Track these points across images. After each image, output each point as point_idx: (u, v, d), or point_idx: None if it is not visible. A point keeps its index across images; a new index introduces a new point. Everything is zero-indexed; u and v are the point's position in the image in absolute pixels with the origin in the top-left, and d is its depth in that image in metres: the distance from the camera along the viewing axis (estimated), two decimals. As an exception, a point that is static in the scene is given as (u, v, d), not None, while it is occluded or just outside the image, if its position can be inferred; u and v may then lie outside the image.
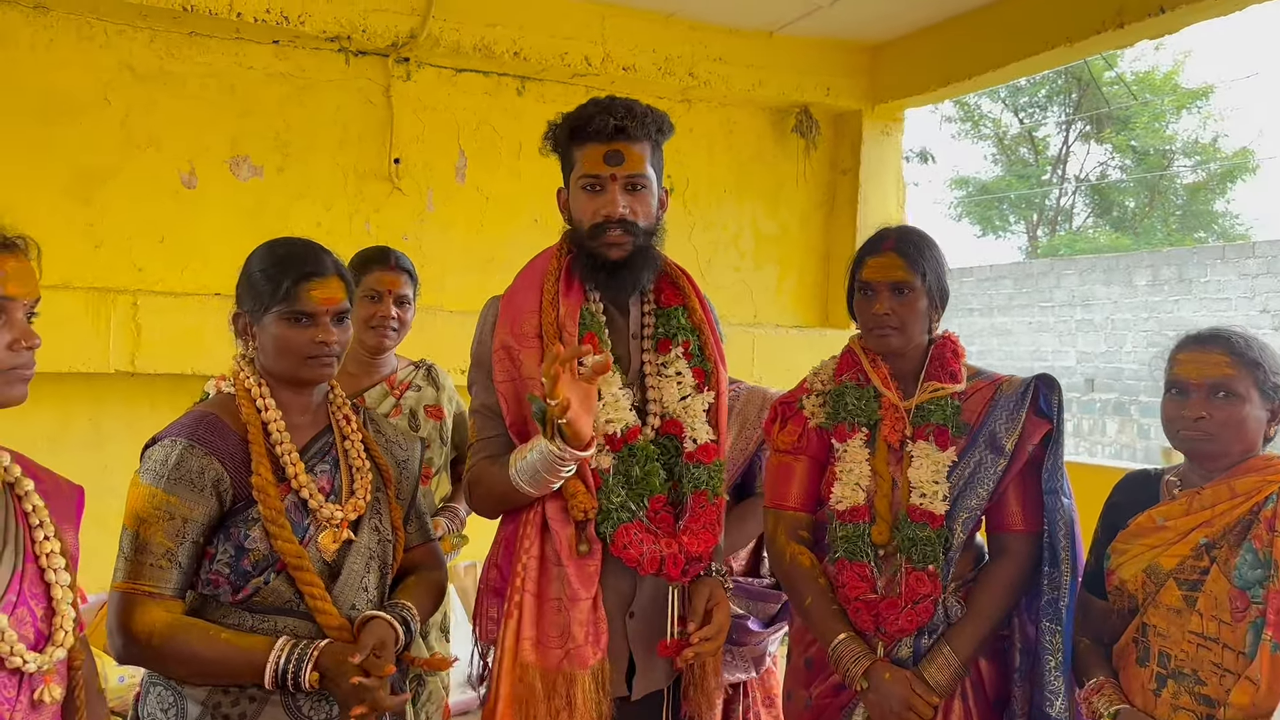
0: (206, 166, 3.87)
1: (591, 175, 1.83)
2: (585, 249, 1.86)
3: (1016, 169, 21.37)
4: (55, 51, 3.61)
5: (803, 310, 5.07)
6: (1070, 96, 20.05)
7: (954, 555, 1.88)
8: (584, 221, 1.85)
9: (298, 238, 1.75)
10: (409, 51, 4.06)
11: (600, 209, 1.83)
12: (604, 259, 1.84)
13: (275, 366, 1.68)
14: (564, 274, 1.89)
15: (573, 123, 1.86)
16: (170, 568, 1.58)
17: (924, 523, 1.86)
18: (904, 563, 1.87)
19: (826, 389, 2.03)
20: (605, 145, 1.82)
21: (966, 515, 1.88)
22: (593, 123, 1.82)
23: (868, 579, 1.88)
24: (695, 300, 1.99)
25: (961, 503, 1.88)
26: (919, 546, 1.85)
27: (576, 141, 1.86)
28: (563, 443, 1.69)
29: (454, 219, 4.26)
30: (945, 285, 1.98)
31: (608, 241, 1.82)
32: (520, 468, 1.76)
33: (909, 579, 1.85)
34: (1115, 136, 19.34)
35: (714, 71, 4.50)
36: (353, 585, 1.67)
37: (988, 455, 1.88)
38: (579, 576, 1.78)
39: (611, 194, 1.83)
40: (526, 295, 1.89)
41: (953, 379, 1.95)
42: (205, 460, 1.61)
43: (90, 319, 3.55)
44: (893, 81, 4.77)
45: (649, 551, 1.77)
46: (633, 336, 1.95)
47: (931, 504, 1.87)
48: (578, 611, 1.77)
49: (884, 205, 4.95)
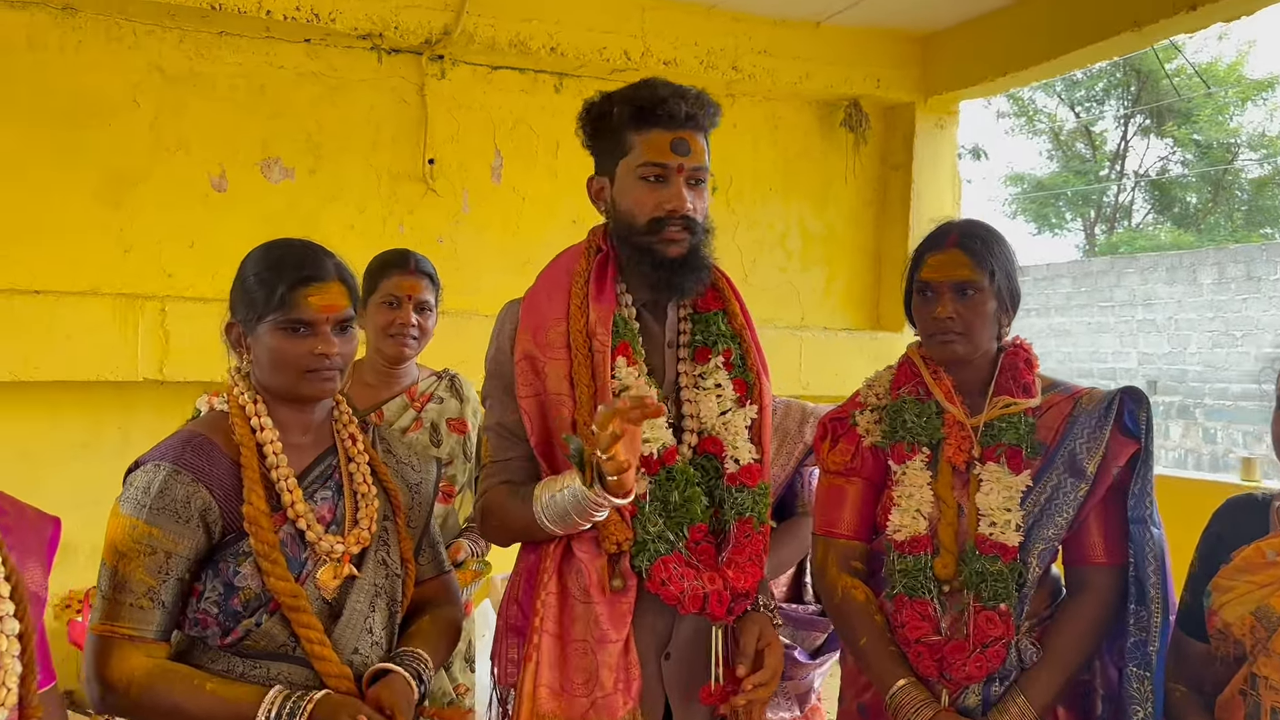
0: (237, 169, 3.78)
1: (657, 164, 1.65)
2: (637, 245, 1.68)
3: (1073, 165, 20.82)
4: (84, 53, 3.54)
5: (852, 312, 4.87)
6: (1129, 89, 19.48)
7: (1028, 592, 1.68)
8: (639, 214, 1.66)
9: (296, 239, 1.60)
10: (443, 49, 3.94)
11: (665, 202, 1.65)
12: (662, 256, 1.66)
13: (271, 381, 1.53)
14: (594, 275, 1.71)
15: (640, 103, 1.66)
16: (152, 608, 1.43)
17: (994, 555, 1.66)
18: (971, 600, 1.66)
19: (882, 403, 1.83)
20: (673, 133, 1.65)
21: (1043, 547, 1.67)
22: (665, 105, 1.64)
23: (930, 618, 1.68)
24: (736, 304, 1.81)
25: (1037, 533, 1.67)
26: (989, 582, 1.65)
27: (641, 125, 1.66)
28: (603, 490, 1.51)
29: (489, 220, 4.13)
30: (1016, 286, 1.77)
31: (667, 237, 1.65)
32: (547, 504, 1.59)
33: (977, 619, 1.65)
34: (1177, 130, 18.75)
35: (758, 64, 4.33)
36: (356, 627, 1.51)
37: (1066, 479, 1.67)
38: (610, 616, 1.60)
39: (677, 187, 1.65)
40: (551, 299, 1.71)
41: (1026, 392, 1.74)
42: (192, 487, 1.46)
43: (118, 326, 3.47)
44: (947, 72, 4.56)
45: (691, 588, 1.59)
46: (668, 345, 1.77)
47: (1003, 534, 1.66)
48: (606, 655, 1.59)
49: (938, 202, 4.73)
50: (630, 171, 1.67)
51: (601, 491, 1.51)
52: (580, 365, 1.64)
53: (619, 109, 1.68)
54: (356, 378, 2.39)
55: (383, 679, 1.49)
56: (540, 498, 1.60)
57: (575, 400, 1.63)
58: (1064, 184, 20.43)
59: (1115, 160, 20.48)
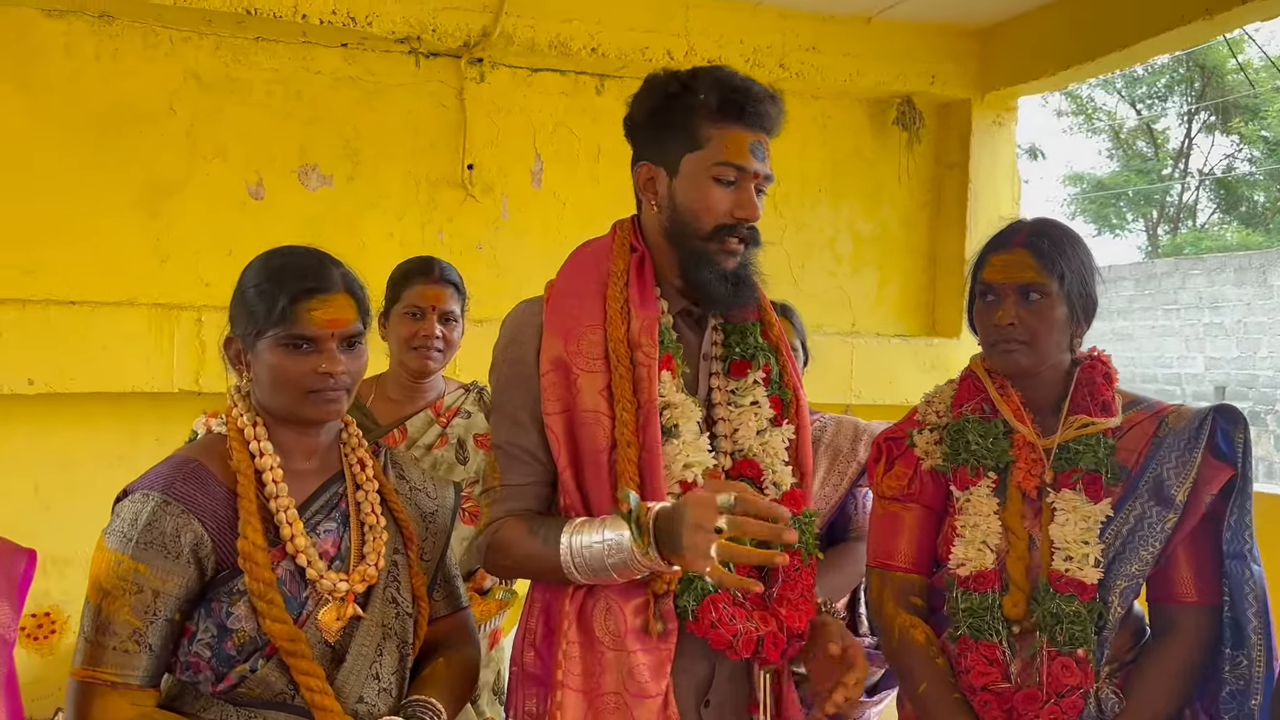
0: (274, 176, 3.72)
1: (736, 165, 1.49)
2: (694, 250, 1.52)
3: (1134, 163, 20.30)
4: (121, 61, 3.50)
5: (906, 318, 4.69)
6: (1192, 85, 18.94)
7: (1109, 635, 1.51)
8: (705, 218, 1.50)
9: (300, 247, 1.49)
10: (482, 51, 3.85)
11: (737, 209, 1.50)
12: (720, 268, 1.51)
13: (272, 401, 1.41)
14: (633, 275, 1.54)
15: (727, 94, 1.49)
16: (138, 651, 1.31)
17: (1071, 594, 1.49)
18: (1045, 644, 1.50)
19: (943, 421, 1.66)
20: (754, 134, 1.50)
21: (1125, 584, 1.51)
22: (756, 104, 1.49)
23: (998, 663, 1.52)
24: (771, 314, 1.66)
25: (1119, 568, 1.51)
26: (1065, 624, 1.48)
27: (723, 119, 1.49)
28: (659, 558, 1.34)
29: (530, 226, 4.03)
30: (1092, 292, 1.60)
31: (729, 248, 1.51)
32: (580, 551, 1.41)
33: (1052, 665, 1.48)
34: (1244, 126, 18.16)
35: (806, 62, 4.18)
36: (361, 673, 1.38)
37: (1152, 508, 1.51)
38: (651, 665, 1.43)
39: (750, 193, 1.51)
40: (584, 303, 1.53)
41: (1104, 410, 1.57)
42: (182, 519, 1.34)
43: (154, 336, 3.42)
44: (1005, 67, 4.36)
45: (743, 630, 1.42)
46: (703, 357, 1.61)
47: (1080, 570, 1.50)
48: (644, 711, 1.41)
49: (996, 202, 4.54)
50: (703, 169, 1.51)
51: (657, 558, 1.35)
52: (621, 379, 1.48)
53: (703, 95, 1.50)
54: (379, 392, 2.29)
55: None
56: (571, 544, 1.43)
57: (614, 418, 1.47)
58: (1125, 183, 19.93)
59: (1179, 158, 19.94)
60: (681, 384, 1.54)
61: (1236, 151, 19.39)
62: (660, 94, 1.54)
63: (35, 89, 3.38)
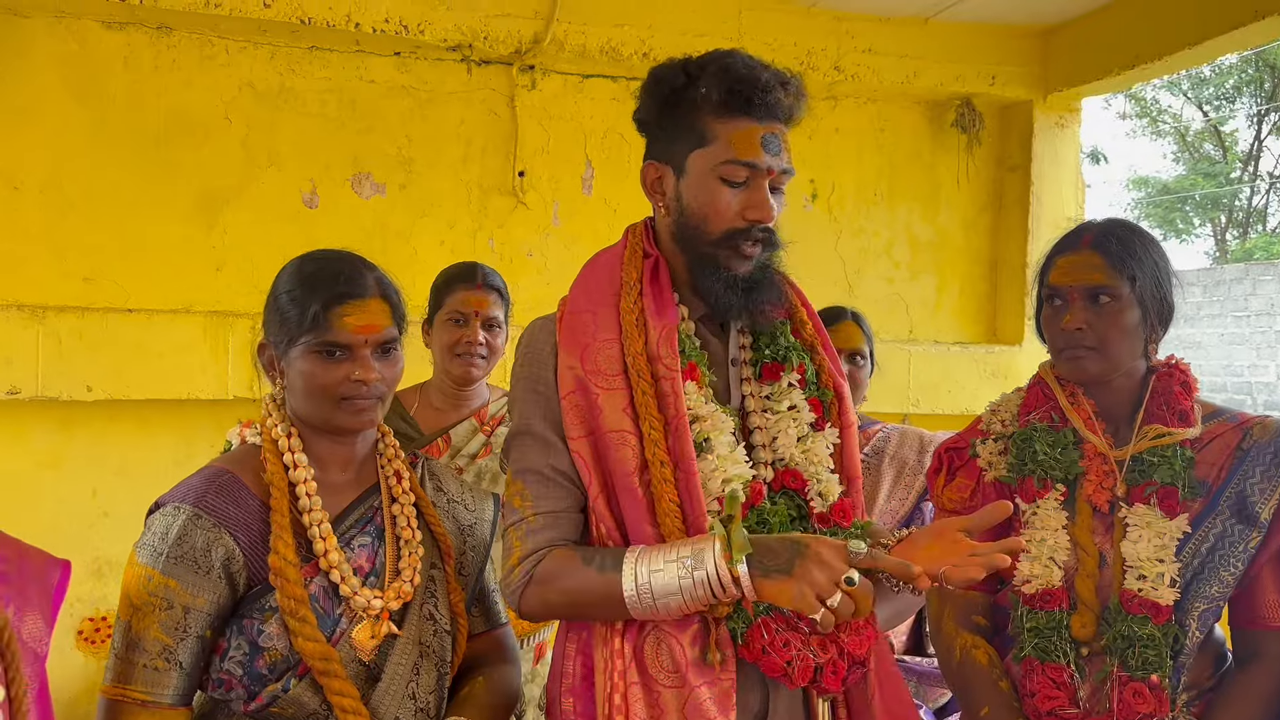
0: (328, 185, 3.75)
1: (746, 162, 1.37)
2: (703, 255, 1.42)
3: (1201, 167, 19.77)
4: (178, 72, 3.55)
5: (966, 324, 4.58)
6: (1262, 86, 18.39)
7: (1185, 660, 1.42)
8: (714, 222, 1.39)
9: (334, 250, 1.46)
10: (533, 58, 3.84)
11: (750, 210, 1.38)
12: (731, 274, 1.40)
13: (305, 410, 1.38)
14: (647, 282, 1.44)
15: (732, 84, 1.37)
16: (168, 669, 1.28)
17: (1144, 615, 1.41)
18: (1116, 668, 1.42)
19: (1009, 431, 1.58)
20: (766, 126, 1.38)
21: (1205, 606, 1.42)
22: (765, 93, 1.36)
23: (1065, 686, 1.44)
24: (803, 311, 1.53)
25: (1197, 589, 1.42)
26: (1137, 648, 1.40)
27: (729, 112, 1.37)
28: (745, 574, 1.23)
29: (580, 233, 4.00)
30: (1168, 295, 1.51)
31: (742, 253, 1.40)
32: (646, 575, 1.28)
33: (1123, 691, 1.40)
34: (1317, 127, 17.60)
35: (863, 64, 4.10)
36: (396, 692, 1.33)
37: (1234, 526, 1.42)
38: (716, 697, 1.30)
39: (763, 193, 1.38)
40: (597, 316, 1.43)
41: (1183, 420, 1.48)
42: (213, 533, 1.31)
43: (209, 344, 3.45)
44: (1068, 67, 4.25)
45: (800, 656, 1.31)
46: (731, 362, 1.50)
47: (1154, 591, 1.41)
48: None
49: (1060, 205, 4.41)
50: (709, 168, 1.40)
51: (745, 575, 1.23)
52: (644, 394, 1.37)
53: (705, 88, 1.39)
54: (423, 400, 2.27)
55: None
56: (638, 569, 1.30)
57: (641, 437, 1.36)
58: (1191, 187, 19.41)
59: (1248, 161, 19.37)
60: (710, 394, 1.44)
61: (1310, 154, 18.80)
62: (665, 87, 1.44)
63: (95, 100, 3.44)
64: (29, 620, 1.16)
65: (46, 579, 1.21)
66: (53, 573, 1.22)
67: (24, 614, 1.15)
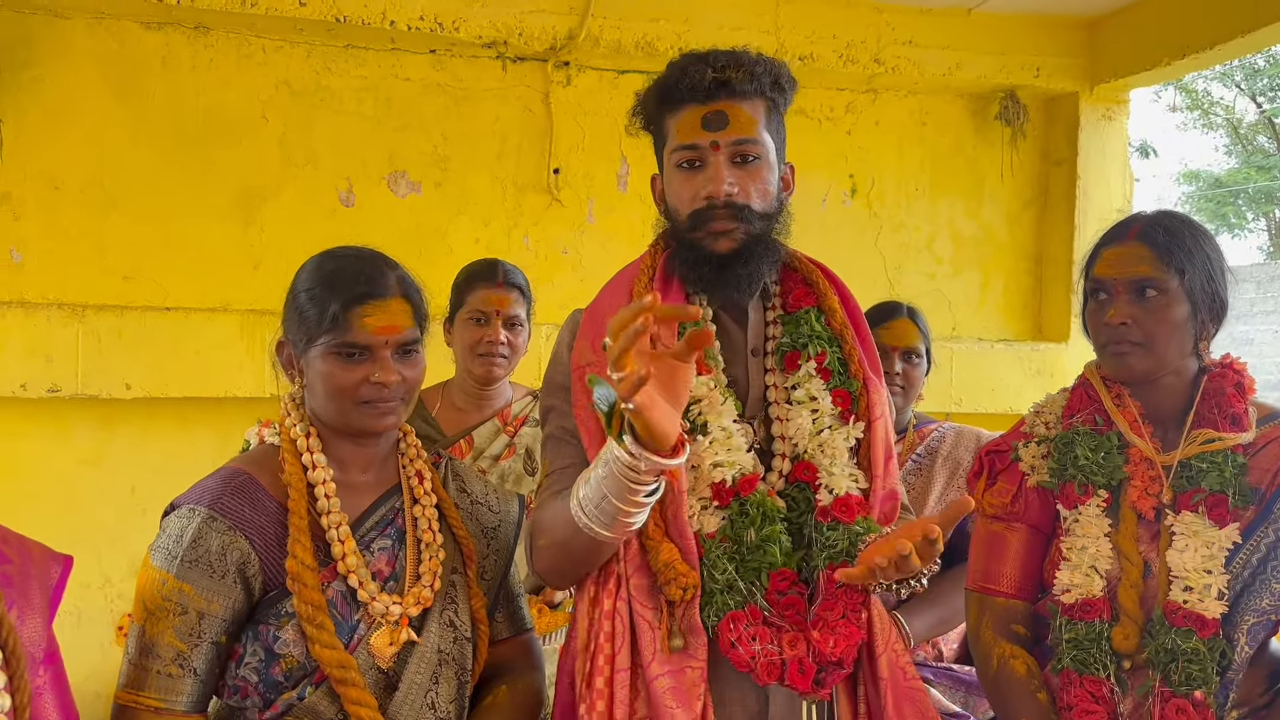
0: (364, 183, 3.75)
1: (687, 146, 1.41)
2: (685, 242, 1.44)
3: (1255, 160, 19.27)
4: (216, 71, 3.57)
5: (1011, 321, 4.48)
6: (1319, 76, 17.90)
7: (1234, 676, 1.34)
8: (682, 207, 1.44)
9: (355, 248, 1.43)
10: (568, 55, 3.82)
11: (701, 189, 1.41)
12: (708, 252, 1.41)
13: (324, 411, 1.35)
14: (660, 273, 1.47)
15: (662, 82, 1.44)
16: (182, 676, 1.25)
17: (1190, 629, 1.34)
18: (1158, 683, 1.35)
19: (1052, 434, 1.51)
20: (704, 106, 1.41)
21: (1255, 620, 1.34)
22: (686, 76, 1.41)
23: (1105, 701, 1.37)
24: (834, 299, 1.50)
25: (1248, 602, 1.35)
26: (1180, 662, 1.33)
27: (668, 106, 1.44)
28: (634, 441, 1.19)
29: (616, 230, 3.97)
30: (1221, 290, 1.44)
31: (713, 230, 1.41)
32: (584, 496, 1.29)
33: (1166, 707, 1.33)
34: (1377, 118, 17.09)
35: (903, 56, 4.02)
36: (415, 701, 1.30)
37: (1290, 536, 1.35)
38: (676, 689, 1.29)
39: (714, 169, 1.40)
40: (613, 302, 1.48)
41: (1235, 424, 1.40)
42: (229, 537, 1.28)
43: (246, 342, 3.47)
44: (1115, 58, 4.14)
45: (765, 651, 1.29)
46: (752, 353, 1.49)
47: (1201, 603, 1.34)
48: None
49: (1107, 199, 4.30)
50: (670, 161, 1.46)
51: (634, 443, 1.19)
52: None
53: (649, 95, 1.49)
54: (445, 401, 2.24)
55: None
56: (576, 490, 1.31)
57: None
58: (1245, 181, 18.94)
59: (1304, 153, 18.88)
60: (720, 379, 1.44)
61: (1368, 145, 18.27)
62: (637, 105, 1.52)
63: (134, 99, 3.47)
64: (30, 624, 1.14)
65: (48, 576, 1.19)
66: (54, 569, 1.21)
67: (26, 617, 1.14)
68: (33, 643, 1.14)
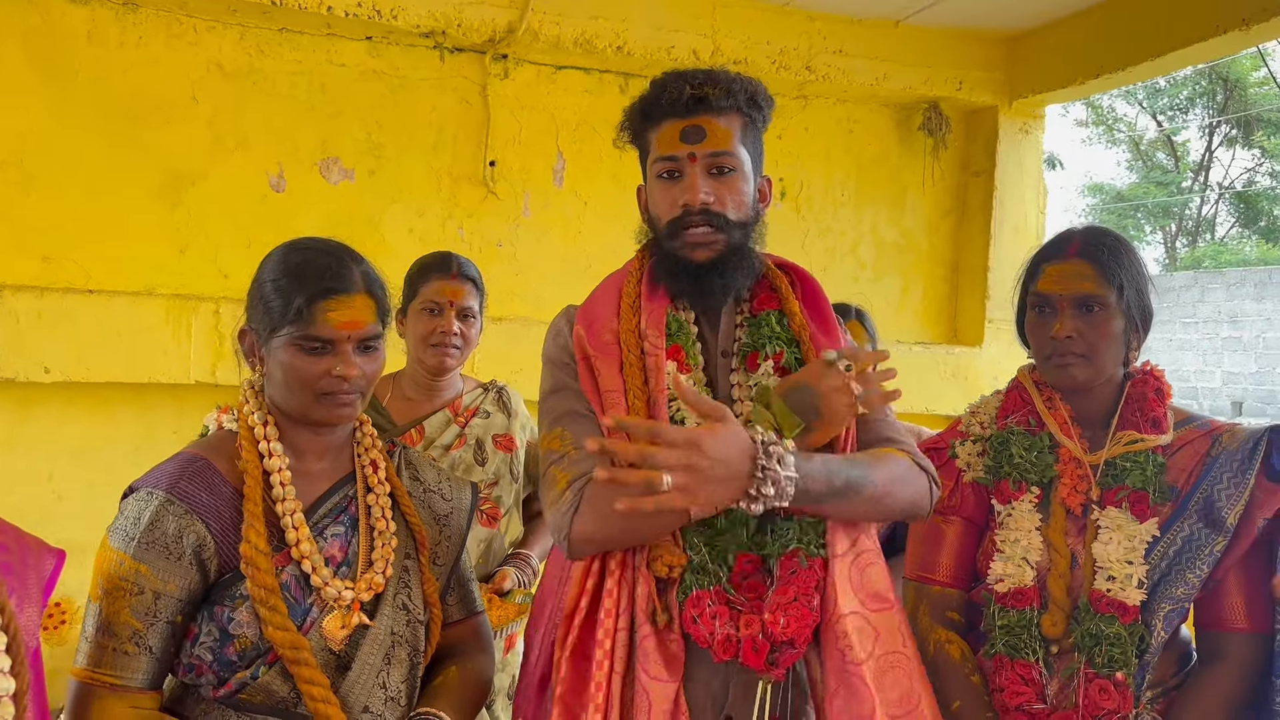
0: (296, 169, 3.70)
1: (667, 157, 1.50)
2: (665, 251, 1.53)
3: (1154, 175, 20.17)
4: (144, 49, 3.48)
5: (929, 325, 4.64)
6: (1214, 98, 18.80)
7: (1151, 659, 1.46)
8: (661, 216, 1.53)
9: (321, 240, 1.44)
10: (506, 47, 3.82)
11: (679, 198, 1.49)
12: (686, 261, 1.50)
13: (284, 401, 1.38)
14: (646, 277, 1.57)
15: (646, 96, 1.53)
16: (138, 654, 1.29)
17: (1112, 615, 1.45)
18: (1083, 665, 1.46)
19: (987, 433, 1.62)
20: (683, 120, 1.49)
21: (1170, 608, 1.46)
22: (666, 92, 1.49)
23: (1034, 682, 1.48)
24: (794, 302, 1.59)
25: (1164, 591, 1.46)
26: (1104, 645, 1.44)
27: (651, 121, 1.52)
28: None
29: (551, 224, 4.00)
30: (1148, 302, 1.56)
31: (690, 240, 1.49)
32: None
33: (1089, 687, 1.44)
34: (1267, 140, 18.02)
35: (833, 65, 4.14)
36: (366, 682, 1.34)
37: (1201, 530, 1.46)
38: (661, 653, 1.39)
39: (691, 178, 1.49)
40: (605, 301, 1.59)
41: (1155, 427, 1.53)
42: (185, 520, 1.31)
43: (172, 327, 3.40)
44: (1034, 74, 4.32)
45: (723, 630, 1.38)
46: (722, 354, 1.59)
47: (1123, 591, 1.46)
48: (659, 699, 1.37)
49: (1022, 210, 4.49)
50: (651, 173, 1.55)
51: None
52: (631, 366, 1.51)
53: (634, 111, 1.57)
54: (396, 391, 2.25)
55: None
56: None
57: (628, 405, 1.48)
58: (1144, 195, 19.80)
59: (1199, 171, 19.80)
60: (700, 378, 1.55)
61: (1257, 165, 19.25)
62: (623, 121, 1.61)
63: (58, 75, 3.37)
64: (26, 613, 1.15)
65: (42, 567, 1.20)
66: (48, 561, 1.21)
67: (23, 607, 1.14)
68: (28, 632, 1.14)
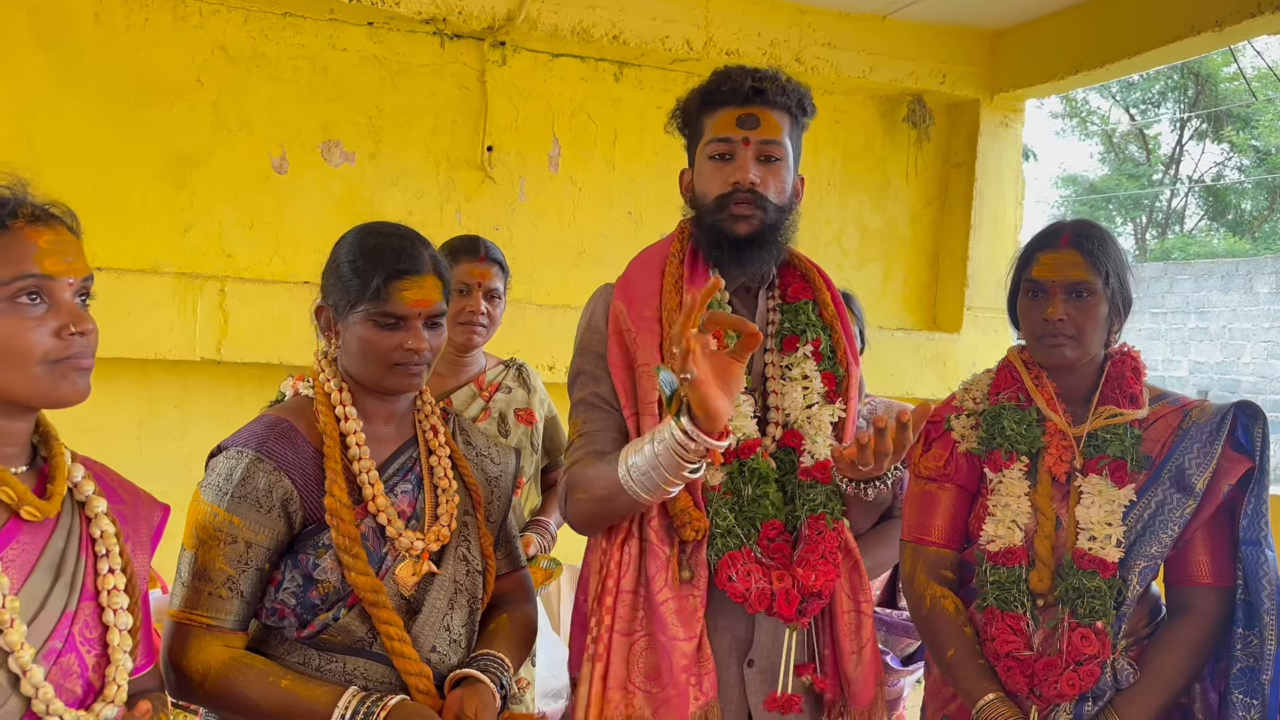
0: (298, 151, 3.77)
1: (722, 139, 1.64)
2: (708, 225, 1.67)
3: (1126, 168, 20.46)
4: (150, 32, 3.54)
5: (910, 312, 4.78)
6: (1186, 93, 19.09)
7: (1127, 610, 1.62)
8: (709, 193, 1.66)
9: (393, 225, 1.57)
10: (505, 35, 3.91)
11: (730, 176, 1.63)
12: (728, 234, 1.64)
13: (358, 371, 1.50)
14: (688, 257, 1.70)
15: (708, 85, 1.68)
16: (231, 597, 1.41)
17: (1093, 571, 1.60)
18: (1066, 616, 1.61)
19: (980, 408, 1.77)
20: (740, 109, 1.63)
21: (1145, 564, 1.61)
22: (728, 82, 1.64)
23: (1022, 632, 1.62)
24: (827, 294, 1.76)
25: (1139, 549, 1.61)
26: (1085, 598, 1.59)
27: (708, 107, 1.67)
28: (691, 422, 1.39)
29: (546, 210, 4.10)
30: (1129, 290, 1.71)
31: (734, 213, 1.63)
32: (633, 464, 1.49)
33: (1072, 636, 1.59)
34: (1236, 135, 18.34)
35: (822, 57, 4.25)
36: (434, 625, 1.48)
37: (1173, 495, 1.61)
38: (680, 611, 1.55)
39: (743, 160, 1.63)
40: (646, 278, 1.70)
41: (1132, 403, 1.68)
42: (274, 476, 1.43)
43: (177, 305, 3.48)
44: (1015, 69, 4.45)
45: (758, 585, 1.54)
46: None
47: (1103, 549, 1.60)
48: (679, 654, 1.54)
49: (1001, 202, 4.63)
50: (703, 154, 1.68)
51: (690, 424, 1.39)
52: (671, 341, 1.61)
53: (692, 98, 1.71)
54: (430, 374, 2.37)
55: (466, 685, 1.45)
56: (626, 458, 1.52)
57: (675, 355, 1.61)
58: (1116, 187, 20.09)
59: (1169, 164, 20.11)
60: None
61: (1226, 160, 19.58)
62: (680, 107, 1.74)
63: (65, 55, 3.42)
64: (139, 558, 1.25)
65: (152, 519, 1.31)
66: (156, 513, 1.32)
67: (136, 554, 1.25)
68: (140, 576, 1.24)
